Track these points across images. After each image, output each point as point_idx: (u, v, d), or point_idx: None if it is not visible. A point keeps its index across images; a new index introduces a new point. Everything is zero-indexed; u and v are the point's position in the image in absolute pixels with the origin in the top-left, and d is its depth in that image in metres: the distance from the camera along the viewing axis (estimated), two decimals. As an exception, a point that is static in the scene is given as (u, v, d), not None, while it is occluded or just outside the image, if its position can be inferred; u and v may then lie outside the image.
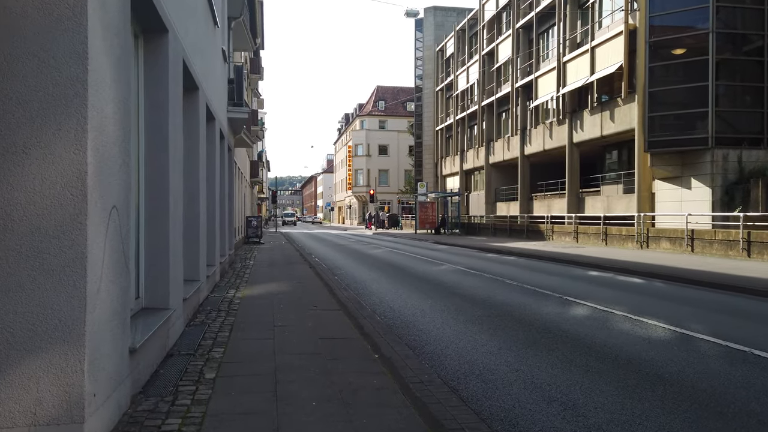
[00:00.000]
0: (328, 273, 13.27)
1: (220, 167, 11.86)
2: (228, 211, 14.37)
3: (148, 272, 5.26)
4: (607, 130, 29.00)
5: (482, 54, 44.28)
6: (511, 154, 40.16)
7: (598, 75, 28.82)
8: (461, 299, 9.51)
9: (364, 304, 8.92)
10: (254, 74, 34.98)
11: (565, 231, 26.27)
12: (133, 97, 4.95)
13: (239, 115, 13.08)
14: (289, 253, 19.68)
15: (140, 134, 5.15)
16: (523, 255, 19.06)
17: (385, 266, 15.61)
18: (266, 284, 10.76)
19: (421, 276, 13.07)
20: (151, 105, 5.25)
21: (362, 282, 12.08)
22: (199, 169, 7.80)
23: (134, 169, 4.85)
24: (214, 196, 10.13)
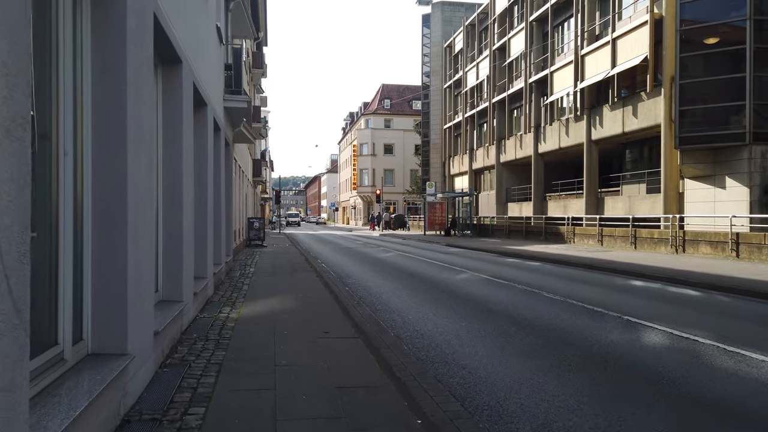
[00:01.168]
0: (338, 283, 11.71)
1: (214, 162, 10.32)
2: (225, 212, 12.83)
3: (95, 306, 3.70)
4: (629, 126, 27.37)
5: (493, 49, 42.68)
6: (523, 153, 38.54)
7: (620, 68, 27.19)
8: (501, 320, 7.92)
9: (384, 325, 7.35)
10: (256, 68, 33.47)
11: (587, 233, 24.62)
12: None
13: (237, 104, 11.54)
14: (293, 258, 18.12)
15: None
16: (548, 260, 17.45)
17: (399, 274, 14.04)
18: (267, 299, 9.19)
19: (443, 287, 11.48)
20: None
21: (377, 294, 10.51)
22: (183, 163, 6.24)
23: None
24: (205, 196, 8.57)
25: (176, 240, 6.17)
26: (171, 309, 5.69)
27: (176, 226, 6.16)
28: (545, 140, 35.79)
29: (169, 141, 6.13)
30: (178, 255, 6.18)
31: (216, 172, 10.68)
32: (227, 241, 13.02)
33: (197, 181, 8.47)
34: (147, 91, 4.33)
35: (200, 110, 8.52)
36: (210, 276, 8.93)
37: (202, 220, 8.54)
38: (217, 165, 10.75)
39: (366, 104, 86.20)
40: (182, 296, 6.21)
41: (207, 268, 8.66)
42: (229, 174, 13.46)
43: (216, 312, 7.84)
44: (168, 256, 6.12)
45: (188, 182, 6.54)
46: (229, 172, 13.35)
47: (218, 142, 10.88)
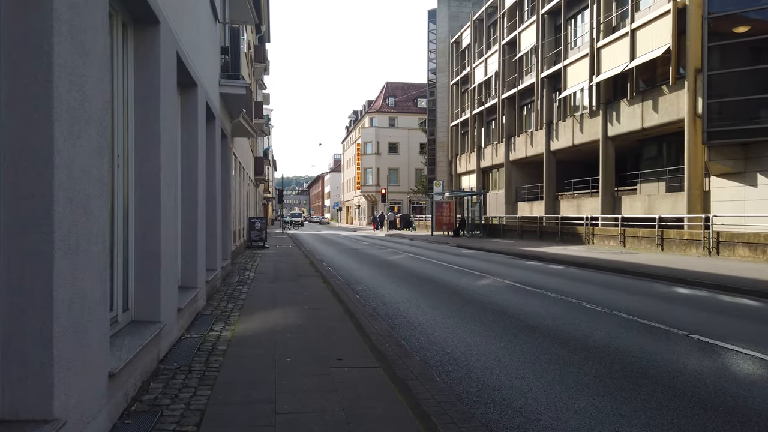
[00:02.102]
0: (347, 290, 10.44)
1: (207, 154, 9.07)
2: (222, 211, 11.57)
3: None
4: (649, 121, 26.02)
5: (502, 44, 41.37)
6: (534, 150, 37.21)
7: (639, 60, 25.85)
8: (545, 338, 6.64)
9: (407, 346, 6.10)
10: (258, 62, 32.24)
11: (607, 234, 23.29)
12: None
13: (235, 90, 10.28)
14: (297, 261, 16.86)
15: None
16: (571, 263, 16.15)
17: (414, 279, 12.76)
18: (267, 313, 7.92)
19: (466, 295, 10.20)
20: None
21: (393, 304, 9.24)
22: (161, 149, 4.98)
23: None
24: (194, 192, 7.32)
25: (152, 243, 4.91)
26: (142, 334, 4.43)
27: (151, 225, 4.90)
28: (557, 137, 34.46)
29: (143, 122, 4.87)
30: (155, 262, 4.93)
31: (209, 165, 9.43)
32: (224, 244, 11.77)
33: (186, 174, 7.23)
34: (91, 37, 3.06)
35: (188, 91, 7.27)
36: (201, 285, 7.67)
37: (190, 219, 7.29)
38: (210, 157, 9.50)
39: (370, 102, 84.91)
40: (160, 315, 4.94)
41: (197, 275, 7.40)
42: (227, 169, 12.21)
43: (206, 330, 6.57)
44: (141, 264, 4.87)
45: (169, 173, 5.27)
46: (227, 166, 12.10)
47: (213, 131, 9.63)
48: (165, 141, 5.09)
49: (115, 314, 4.47)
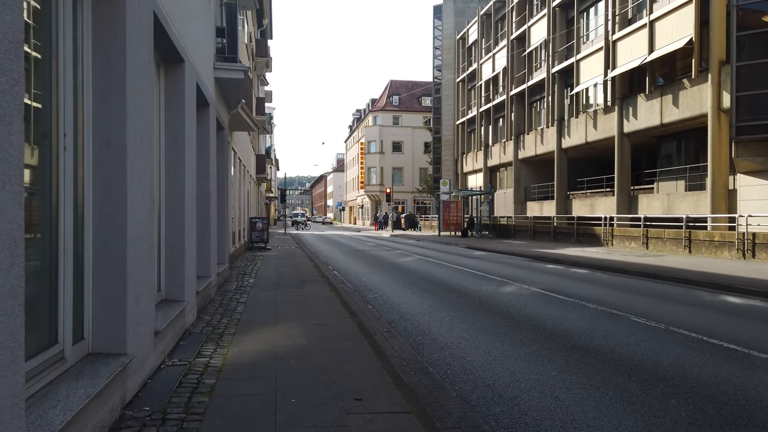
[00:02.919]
0: (357, 298, 9.29)
1: (199, 145, 7.93)
2: (218, 211, 10.43)
3: None
4: (669, 117, 24.81)
5: (511, 39, 40.17)
6: (545, 148, 36.00)
7: (658, 53, 24.67)
8: (605, 366, 5.48)
9: (438, 377, 4.96)
10: (260, 57, 31.09)
11: (627, 235, 22.08)
12: None
13: (232, 75, 9.14)
14: (300, 264, 15.72)
15: None
16: (596, 267, 14.99)
17: (429, 285, 11.60)
18: (267, 330, 6.76)
19: (492, 306, 9.04)
20: None
21: (411, 317, 8.09)
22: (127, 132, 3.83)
23: None
24: (181, 188, 6.17)
25: (116, 252, 3.77)
26: (97, 374, 3.28)
27: (115, 229, 3.76)
28: (569, 134, 33.25)
29: (103, 91, 3.72)
30: (119, 275, 3.78)
31: (202, 158, 8.29)
32: (220, 247, 10.63)
33: (172, 167, 6.09)
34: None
35: (174, 67, 6.12)
36: (189, 298, 6.52)
37: (176, 220, 6.15)
38: (203, 149, 8.36)
39: (374, 101, 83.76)
40: (126, 345, 3.79)
41: (184, 287, 6.25)
42: (224, 164, 11.07)
43: (193, 354, 5.42)
44: (102, 279, 3.72)
45: (139, 161, 4.12)
46: (224, 161, 10.96)
47: (206, 119, 8.49)
48: (133, 119, 3.94)
49: (61, 348, 3.32)
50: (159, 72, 5.98)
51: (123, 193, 3.79)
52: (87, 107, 3.69)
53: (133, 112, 3.95)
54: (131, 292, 3.90)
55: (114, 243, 3.77)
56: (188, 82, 6.41)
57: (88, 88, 3.69)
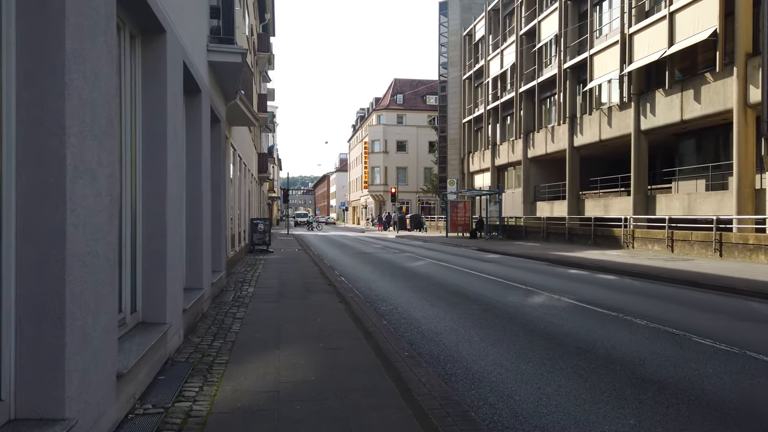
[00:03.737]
0: (370, 312, 8.18)
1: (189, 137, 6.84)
2: (213, 213, 9.34)
3: None
4: (690, 113, 23.63)
5: (520, 34, 39.01)
6: (555, 147, 34.83)
7: (679, 46, 23.49)
8: (694, 410, 4.36)
9: (482, 425, 3.84)
10: (262, 52, 30.02)
11: (650, 237, 20.90)
12: None
13: (228, 58, 8.03)
14: (304, 269, 14.61)
15: None
16: (626, 273, 13.86)
17: (448, 295, 10.49)
18: (267, 356, 5.64)
19: (526, 322, 7.93)
20: None
21: (435, 337, 6.98)
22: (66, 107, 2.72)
23: None
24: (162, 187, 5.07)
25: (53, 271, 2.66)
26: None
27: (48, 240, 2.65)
28: (582, 132, 32.08)
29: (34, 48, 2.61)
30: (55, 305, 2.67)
31: (192, 152, 7.19)
32: (216, 253, 9.53)
33: (150, 163, 4.98)
34: None
35: (153, 39, 5.03)
36: (173, 319, 5.41)
37: (156, 226, 5.04)
38: (194, 141, 7.26)
39: (378, 99, 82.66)
40: (64, 408, 2.68)
41: (167, 306, 5.15)
42: (222, 161, 9.96)
43: (172, 395, 4.30)
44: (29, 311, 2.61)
45: (88, 146, 3.00)
46: (220, 157, 9.85)
47: (197, 108, 7.39)
48: (79, 90, 2.83)
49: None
50: (134, 45, 4.88)
51: (61, 192, 2.69)
52: (8, 69, 2.58)
53: (79, 80, 2.84)
54: (74, 329, 2.79)
55: (46, 261, 2.66)
56: (171, 59, 5.30)
57: (9, 40, 2.58)
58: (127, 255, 4.69)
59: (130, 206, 4.74)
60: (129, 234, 4.68)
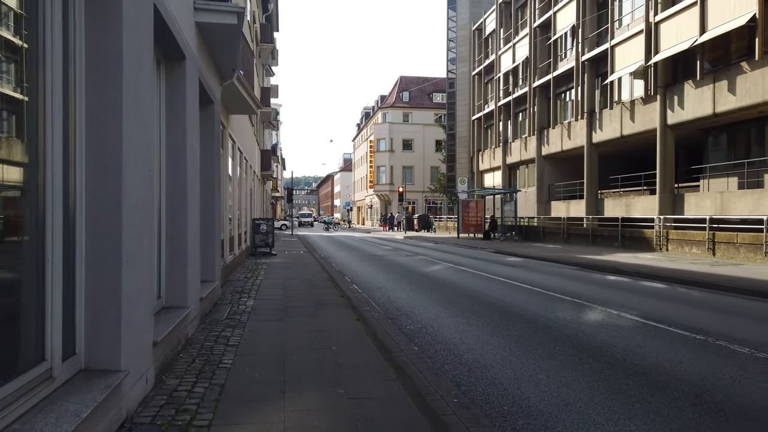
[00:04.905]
0: (396, 335, 6.60)
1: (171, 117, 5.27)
2: (207, 214, 7.79)
3: None
4: (723, 105, 21.96)
5: (533, 27, 37.36)
6: (572, 143, 33.19)
7: (712, 33, 21.84)
8: None
9: None
10: (265, 44, 28.48)
11: (687, 239, 19.21)
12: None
13: (221, 18, 6.45)
14: (312, 275, 13.04)
15: None
16: (675, 280, 12.26)
17: (484, 309, 8.89)
18: (268, 414, 4.02)
19: (594, 349, 6.34)
20: None
21: (486, 373, 5.40)
22: None
23: None
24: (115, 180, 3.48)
25: None
26: None
27: None
28: (602, 127, 30.41)
29: None
30: None
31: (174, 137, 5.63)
32: (207, 261, 7.97)
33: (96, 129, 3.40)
34: None
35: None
36: (136, 364, 3.82)
37: (103, 232, 3.46)
38: (176, 123, 5.70)
39: (383, 97, 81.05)
40: None
41: (121, 348, 3.55)
42: (215, 151, 8.38)
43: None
44: None
45: None
46: (214, 146, 8.27)
47: (179, 80, 5.82)
48: None
49: None
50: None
51: None
52: None
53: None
54: None
55: None
56: (144, 10, 3.72)
57: None
58: (56, 273, 3.11)
59: (62, 206, 3.17)
60: (42, 249, 3.10)
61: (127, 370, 3.55)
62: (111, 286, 3.53)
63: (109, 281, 3.53)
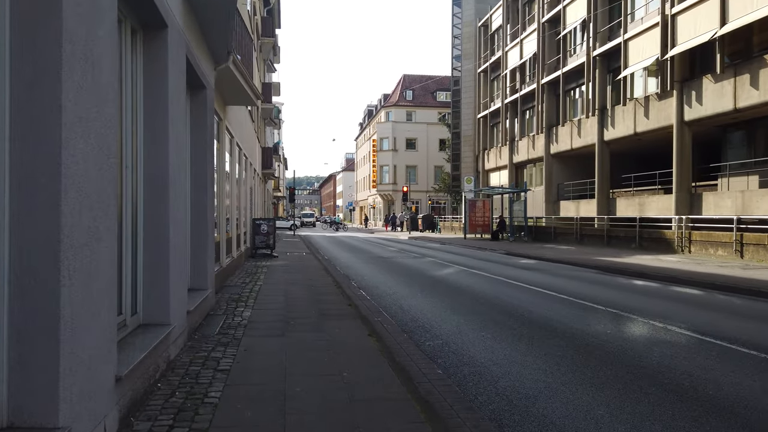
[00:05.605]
0: (415, 354, 5.67)
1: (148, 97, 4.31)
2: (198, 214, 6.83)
3: None
4: (746, 100, 20.95)
5: (542, 21, 36.35)
6: (582, 141, 32.19)
7: (734, 24, 20.83)
8: None
9: None
10: (266, 37, 27.52)
11: (712, 240, 18.17)
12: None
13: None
14: (315, 280, 12.08)
15: None
16: (710, 286, 11.28)
17: (511, 321, 7.93)
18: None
19: (648, 370, 5.39)
20: None
21: (530, 407, 4.45)
22: None
23: None
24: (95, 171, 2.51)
25: None
26: None
27: None
28: (614, 125, 29.41)
29: None
30: None
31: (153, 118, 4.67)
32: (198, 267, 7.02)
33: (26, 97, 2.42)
34: None
35: None
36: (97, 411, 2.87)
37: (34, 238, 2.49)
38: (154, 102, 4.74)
39: (386, 96, 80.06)
40: None
41: (59, 389, 2.59)
42: (207, 142, 7.41)
43: None
44: None
45: None
46: (204, 134, 7.30)
47: (161, 52, 4.87)
48: None
49: None
50: None
51: None
52: None
53: None
54: None
55: None
56: None
57: None
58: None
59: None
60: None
61: (67, 427, 2.59)
62: (46, 310, 2.57)
63: (42, 303, 2.57)
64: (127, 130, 4.52)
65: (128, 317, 4.54)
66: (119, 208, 4.24)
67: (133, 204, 4.66)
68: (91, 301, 2.98)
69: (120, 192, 4.29)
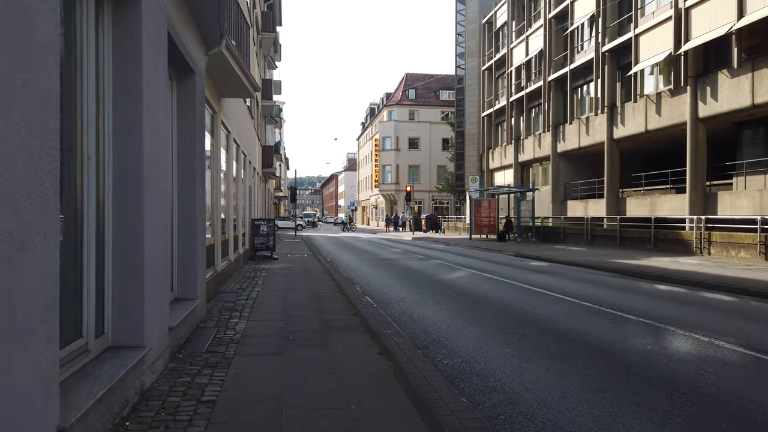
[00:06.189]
0: (433, 376, 4.89)
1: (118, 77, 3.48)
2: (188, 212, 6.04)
3: None
4: (764, 95, 20.15)
5: (548, 17, 35.54)
6: (591, 140, 31.38)
7: (751, 17, 20.02)
8: None
9: None
10: (267, 32, 26.73)
11: (734, 242, 17.31)
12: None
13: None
14: (317, 285, 11.28)
15: None
16: (741, 292, 10.49)
17: (537, 334, 7.13)
18: None
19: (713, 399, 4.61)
20: None
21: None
22: None
23: None
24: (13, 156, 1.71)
25: None
26: None
27: None
28: (624, 122, 28.59)
29: None
30: None
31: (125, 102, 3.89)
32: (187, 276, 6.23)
33: None
34: None
35: None
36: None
37: None
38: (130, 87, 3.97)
39: (389, 95, 79.24)
40: None
41: None
42: (194, 131, 6.61)
43: None
44: None
45: None
46: (192, 125, 6.50)
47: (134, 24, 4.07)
48: None
49: None
50: None
51: None
52: None
53: None
54: None
55: None
56: None
57: None
58: None
59: None
60: None
61: None
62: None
63: None
64: (90, 114, 3.73)
65: (91, 340, 3.75)
66: (78, 209, 3.45)
67: (99, 204, 3.87)
68: (13, 333, 2.19)
69: (79, 189, 3.50)
